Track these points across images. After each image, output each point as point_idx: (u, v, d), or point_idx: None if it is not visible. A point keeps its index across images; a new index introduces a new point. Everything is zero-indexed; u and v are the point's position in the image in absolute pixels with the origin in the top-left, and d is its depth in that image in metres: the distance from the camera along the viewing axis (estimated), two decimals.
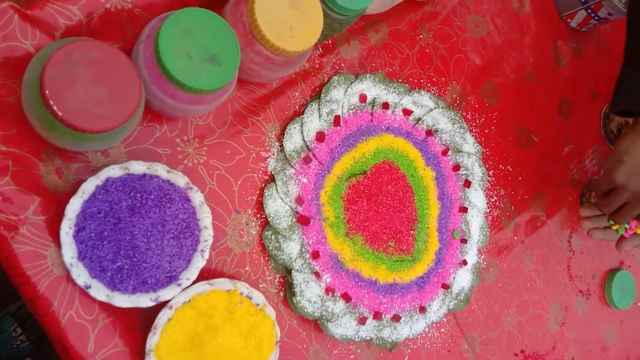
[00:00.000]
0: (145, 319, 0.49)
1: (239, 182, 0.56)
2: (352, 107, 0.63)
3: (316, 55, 0.63)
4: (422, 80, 0.71)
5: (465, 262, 0.69)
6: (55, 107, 0.38)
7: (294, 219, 0.57)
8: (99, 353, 0.46)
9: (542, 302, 0.79)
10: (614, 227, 0.74)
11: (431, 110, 0.69)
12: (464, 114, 0.74)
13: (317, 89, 0.62)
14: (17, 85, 0.45)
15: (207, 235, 0.51)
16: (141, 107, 0.43)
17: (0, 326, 0.94)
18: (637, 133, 0.61)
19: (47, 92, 0.38)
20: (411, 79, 0.70)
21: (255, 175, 0.57)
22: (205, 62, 0.44)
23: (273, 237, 0.57)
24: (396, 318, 0.63)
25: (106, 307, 0.47)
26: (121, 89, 0.41)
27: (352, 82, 0.63)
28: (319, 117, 0.60)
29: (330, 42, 0.64)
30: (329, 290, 0.58)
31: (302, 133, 0.59)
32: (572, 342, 0.82)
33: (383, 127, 0.65)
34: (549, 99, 0.84)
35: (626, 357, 0.89)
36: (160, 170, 0.49)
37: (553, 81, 0.85)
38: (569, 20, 0.86)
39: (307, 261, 0.57)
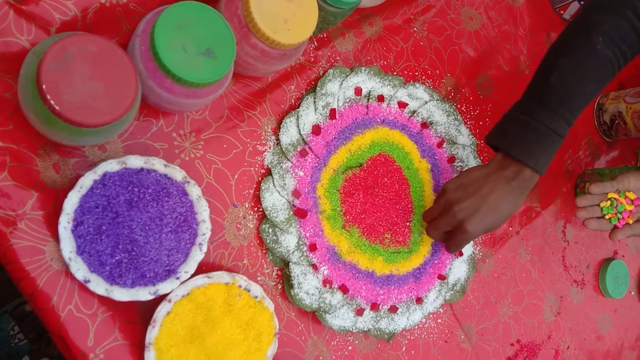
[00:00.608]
0: (145, 312, 0.50)
1: (236, 176, 0.56)
2: (347, 100, 0.63)
3: (311, 48, 0.63)
4: (416, 73, 0.71)
5: (461, 253, 0.70)
6: (52, 102, 0.38)
7: (291, 212, 0.58)
8: (99, 346, 0.47)
9: (537, 292, 0.79)
10: (607, 217, 0.75)
11: (426, 102, 0.69)
12: (459, 106, 0.74)
13: (313, 82, 0.62)
14: (13, 81, 0.45)
15: (204, 229, 0.51)
16: (138, 101, 0.43)
17: None
18: (483, 165, 0.63)
19: (44, 86, 0.38)
20: (406, 72, 0.70)
21: (252, 168, 0.57)
22: (201, 56, 0.44)
23: (270, 230, 0.57)
24: (393, 309, 0.63)
25: (105, 301, 0.48)
26: (118, 83, 0.41)
27: (348, 75, 0.64)
28: (315, 110, 0.61)
29: (325, 35, 0.64)
30: (326, 282, 0.59)
31: (298, 126, 0.59)
32: (567, 331, 0.82)
33: (378, 120, 0.65)
34: None
35: (620, 345, 0.90)
36: (158, 164, 0.49)
37: None
38: (562, 11, 0.87)
39: (305, 254, 0.58)
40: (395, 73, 0.69)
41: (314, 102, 0.61)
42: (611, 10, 0.61)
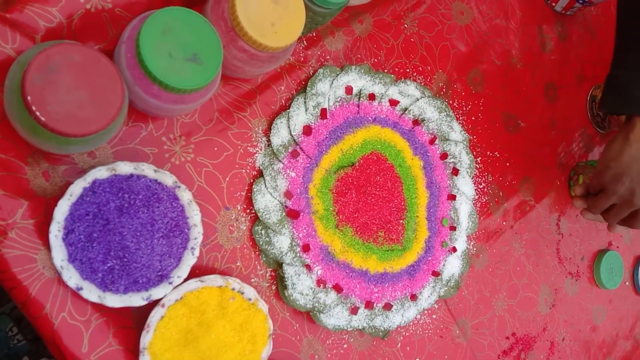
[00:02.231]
0: (139, 317, 0.50)
1: (227, 179, 0.56)
2: (338, 99, 0.63)
3: (301, 48, 0.62)
4: (407, 70, 0.71)
5: (454, 249, 0.70)
6: (38, 113, 0.38)
7: (284, 213, 0.58)
8: (93, 353, 0.47)
9: (532, 285, 0.80)
10: None
11: (417, 99, 0.69)
12: (451, 102, 0.74)
13: (303, 83, 0.62)
14: None
15: (196, 233, 0.51)
16: (125, 109, 0.43)
17: None
18: (625, 138, 0.61)
19: (29, 97, 0.38)
20: (397, 69, 0.70)
21: (244, 170, 0.57)
22: (187, 62, 0.44)
23: (263, 231, 0.57)
24: (388, 307, 0.64)
25: (99, 307, 0.48)
26: (103, 91, 0.41)
27: (338, 75, 0.63)
28: (306, 110, 0.61)
29: (314, 34, 0.64)
30: (320, 282, 0.59)
31: (289, 127, 0.59)
32: (562, 323, 0.83)
33: (370, 119, 0.65)
34: (534, 84, 0.84)
35: (615, 335, 0.91)
36: (147, 170, 0.49)
37: (539, 66, 0.85)
38: (553, 4, 0.86)
39: (298, 254, 0.58)
40: (386, 70, 0.69)
41: (305, 102, 0.61)
42: None
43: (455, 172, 0.71)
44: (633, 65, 0.60)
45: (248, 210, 0.57)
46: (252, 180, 0.58)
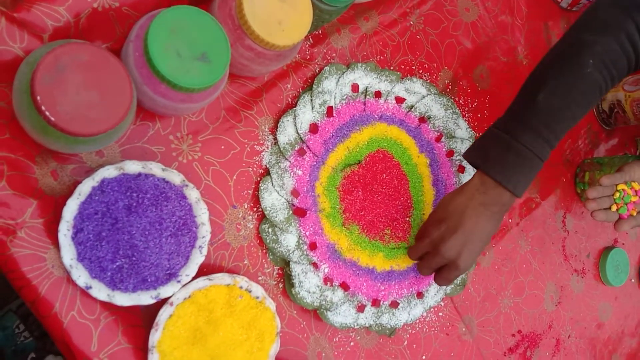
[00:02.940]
0: (148, 315, 0.50)
1: (234, 177, 0.56)
2: (344, 97, 0.63)
3: (307, 46, 0.62)
4: (413, 67, 0.71)
5: None
6: (47, 113, 0.38)
7: (291, 212, 0.58)
8: (102, 351, 0.47)
9: (537, 283, 0.80)
10: (613, 209, 0.75)
11: (423, 97, 0.69)
12: (457, 99, 0.74)
13: (309, 80, 0.62)
14: (7, 89, 0.45)
15: (204, 232, 0.51)
16: (133, 108, 0.43)
17: (2, 323, 0.95)
18: (460, 189, 0.60)
19: (38, 97, 0.38)
20: (403, 66, 0.70)
21: (250, 169, 0.57)
22: (195, 61, 0.44)
23: (270, 230, 0.57)
24: (394, 304, 0.64)
25: (108, 306, 0.48)
26: (112, 91, 0.41)
27: (344, 72, 0.63)
28: (312, 108, 0.60)
29: (320, 32, 0.63)
30: (327, 280, 0.59)
31: (295, 125, 0.59)
32: (568, 320, 0.83)
33: (376, 116, 0.65)
34: None
35: (620, 332, 0.91)
36: (155, 168, 0.49)
37: None
38: (559, 0, 0.86)
39: (305, 252, 0.58)
40: (392, 68, 0.69)
41: (311, 100, 0.61)
42: (604, 31, 0.58)
43: (462, 169, 0.71)
44: (504, 127, 0.59)
45: (255, 209, 0.57)
46: (259, 179, 0.58)
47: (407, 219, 0.66)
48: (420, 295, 0.66)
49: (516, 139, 0.57)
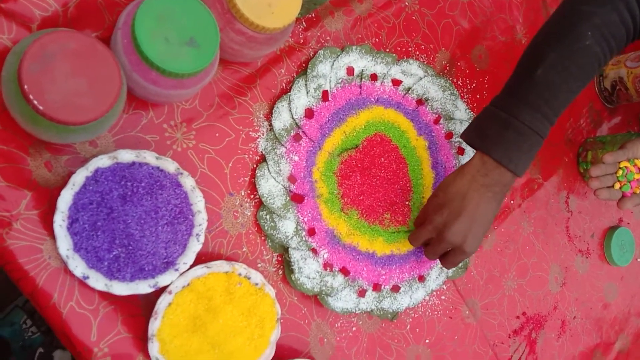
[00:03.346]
0: (147, 304, 0.50)
1: (230, 164, 0.56)
2: (339, 80, 0.62)
3: (300, 29, 0.62)
4: (410, 49, 0.70)
5: None
6: (35, 102, 0.38)
7: (288, 198, 0.58)
8: (102, 341, 0.47)
9: (541, 264, 0.79)
10: (618, 186, 0.74)
11: (421, 79, 0.68)
12: (455, 80, 0.73)
13: (303, 65, 0.61)
14: None
15: (201, 219, 0.51)
16: (123, 96, 0.43)
17: (10, 319, 0.96)
18: (460, 171, 0.59)
19: (26, 86, 0.38)
20: (399, 48, 0.69)
21: (246, 156, 0.57)
22: (184, 46, 0.43)
23: (268, 216, 0.57)
24: (395, 288, 0.63)
25: (106, 295, 0.48)
26: (101, 78, 0.40)
27: (339, 55, 0.63)
28: (307, 93, 0.60)
29: (313, 15, 0.63)
30: (327, 265, 0.59)
31: (290, 111, 0.59)
32: (573, 301, 0.82)
33: (372, 99, 0.64)
34: None
35: (627, 312, 0.90)
36: (149, 157, 0.49)
37: None
38: None
39: (304, 238, 0.58)
40: (387, 50, 0.68)
41: (306, 84, 0.60)
42: (603, 2, 0.57)
43: (461, 151, 0.70)
44: (501, 105, 0.58)
45: (252, 196, 0.57)
46: (255, 166, 0.57)
47: (407, 202, 0.65)
48: (421, 278, 0.66)
49: (515, 117, 0.56)
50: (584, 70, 0.58)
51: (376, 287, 0.62)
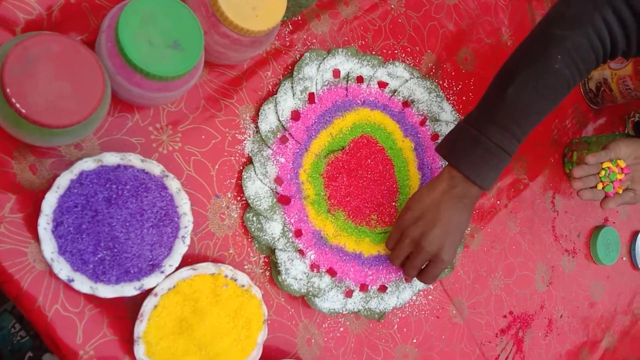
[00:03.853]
0: (133, 307, 0.50)
1: (217, 167, 0.56)
2: (326, 83, 0.63)
3: (286, 32, 0.62)
4: (396, 51, 0.70)
5: None
6: (18, 105, 0.38)
7: (275, 199, 0.58)
8: (88, 343, 0.47)
9: (528, 264, 0.80)
10: (600, 187, 0.75)
11: (406, 81, 0.69)
12: (441, 82, 0.74)
13: (290, 67, 0.62)
14: None
15: (186, 222, 0.51)
16: (107, 99, 0.43)
17: None
18: (431, 184, 0.61)
19: (8, 90, 0.38)
20: (385, 51, 0.69)
21: (233, 158, 0.57)
22: (168, 49, 0.43)
23: (255, 218, 0.57)
24: (382, 289, 0.64)
25: (91, 298, 0.48)
26: (84, 81, 0.40)
27: (325, 58, 0.63)
28: (293, 95, 0.60)
29: (299, 18, 0.63)
30: (313, 266, 0.59)
31: (276, 113, 0.59)
32: (559, 300, 0.83)
33: (359, 102, 0.65)
34: None
35: (613, 310, 0.91)
36: (134, 160, 0.49)
37: None
38: None
39: (290, 240, 0.58)
40: (373, 52, 0.68)
41: (292, 87, 0.60)
42: (573, 26, 0.58)
43: None
44: (472, 122, 0.60)
45: (239, 198, 0.57)
46: (241, 168, 0.58)
47: (394, 203, 0.66)
48: (408, 279, 0.66)
49: (485, 135, 0.58)
50: (554, 91, 0.59)
51: (363, 288, 0.62)
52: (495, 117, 0.59)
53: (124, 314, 0.50)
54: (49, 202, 0.45)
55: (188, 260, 0.53)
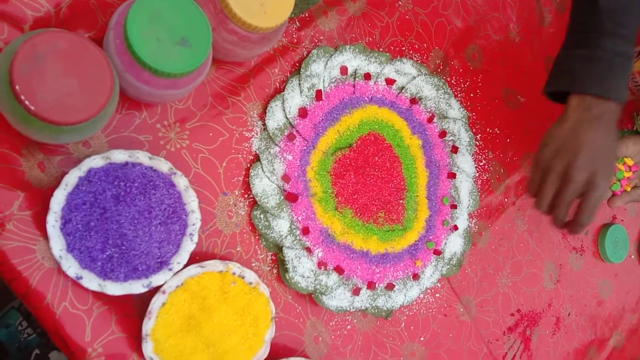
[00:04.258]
0: (141, 304, 0.50)
1: (224, 164, 0.56)
2: (333, 80, 0.62)
3: (293, 29, 0.62)
4: (403, 48, 0.70)
5: (456, 227, 0.69)
6: (27, 102, 0.38)
7: (282, 197, 0.58)
8: (96, 341, 0.47)
9: (536, 262, 0.80)
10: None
11: (414, 77, 0.68)
12: (448, 79, 0.73)
13: (297, 64, 0.62)
14: None
15: (194, 219, 0.51)
16: (115, 96, 0.43)
17: (5, 321, 0.95)
18: (562, 116, 0.59)
19: (17, 87, 0.38)
20: (392, 47, 0.69)
21: (240, 155, 0.57)
22: (176, 46, 0.43)
23: (262, 216, 0.57)
24: (390, 287, 0.64)
25: (100, 296, 0.48)
26: (93, 78, 0.40)
27: (332, 55, 0.63)
28: (300, 92, 0.60)
29: (307, 15, 0.63)
30: (321, 264, 0.59)
31: (284, 110, 0.59)
32: (567, 298, 0.83)
33: (366, 99, 0.65)
34: (534, 58, 0.83)
35: (621, 309, 0.90)
36: (142, 157, 0.49)
37: (538, 39, 0.84)
38: None
39: (298, 237, 0.58)
40: (381, 49, 0.68)
41: (299, 84, 0.60)
42: None
43: (455, 149, 0.71)
44: (571, 44, 0.58)
45: (246, 195, 0.57)
46: (249, 165, 0.57)
47: (401, 201, 0.66)
48: (416, 276, 0.66)
49: (596, 49, 0.56)
50: None
51: (370, 286, 0.62)
52: (597, 27, 0.56)
53: (132, 312, 0.50)
54: (58, 200, 0.45)
55: (196, 258, 0.53)
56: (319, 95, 0.61)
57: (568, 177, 0.56)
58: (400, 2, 0.70)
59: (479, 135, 0.75)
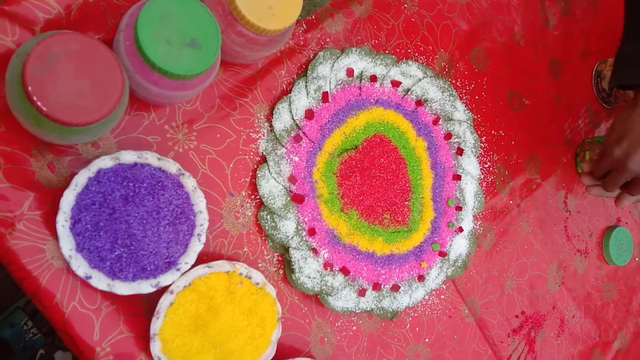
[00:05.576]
0: (149, 304, 0.51)
1: (231, 165, 0.56)
2: (339, 82, 0.63)
3: (300, 31, 0.62)
4: (409, 50, 0.70)
5: (461, 229, 0.70)
6: (39, 103, 0.38)
7: (288, 198, 0.58)
8: (104, 340, 0.48)
9: (540, 264, 0.80)
10: None
11: (420, 80, 0.69)
12: (454, 81, 0.74)
13: (304, 66, 0.62)
14: (1, 83, 0.45)
15: (202, 220, 0.51)
16: (125, 97, 0.43)
17: (11, 320, 0.96)
18: (633, 104, 0.60)
19: (29, 88, 0.38)
20: (398, 50, 0.69)
21: (247, 157, 0.57)
22: (185, 47, 0.44)
23: (269, 217, 0.57)
24: (395, 288, 0.64)
25: (108, 295, 0.48)
26: (103, 79, 0.41)
27: (338, 57, 0.63)
28: (307, 94, 0.60)
29: (313, 17, 0.63)
30: (327, 265, 0.59)
31: (290, 112, 0.59)
32: (571, 300, 0.83)
33: (372, 101, 0.65)
34: (538, 60, 0.83)
35: (626, 311, 0.90)
36: (151, 158, 0.49)
37: (542, 42, 0.84)
38: None
39: (304, 238, 0.58)
40: (387, 52, 0.68)
41: (306, 86, 0.60)
42: None
43: (460, 151, 0.71)
44: (636, 39, 0.59)
45: (253, 196, 0.57)
46: (255, 166, 0.58)
47: (406, 202, 0.66)
48: (421, 278, 0.66)
49: None
50: None
51: (376, 287, 0.63)
52: None
53: (140, 311, 0.50)
54: (67, 200, 0.46)
55: (203, 258, 0.54)
56: (325, 97, 0.61)
57: (624, 166, 0.60)
58: (406, 5, 0.71)
59: (484, 137, 0.76)
